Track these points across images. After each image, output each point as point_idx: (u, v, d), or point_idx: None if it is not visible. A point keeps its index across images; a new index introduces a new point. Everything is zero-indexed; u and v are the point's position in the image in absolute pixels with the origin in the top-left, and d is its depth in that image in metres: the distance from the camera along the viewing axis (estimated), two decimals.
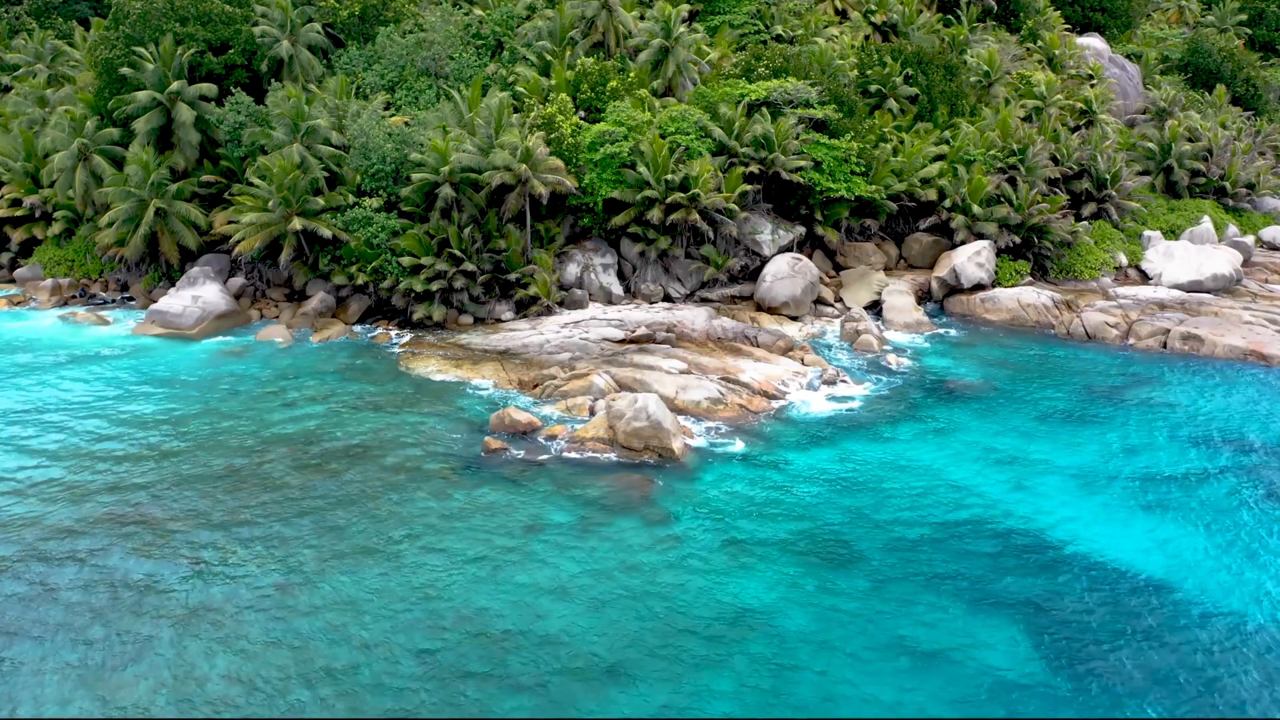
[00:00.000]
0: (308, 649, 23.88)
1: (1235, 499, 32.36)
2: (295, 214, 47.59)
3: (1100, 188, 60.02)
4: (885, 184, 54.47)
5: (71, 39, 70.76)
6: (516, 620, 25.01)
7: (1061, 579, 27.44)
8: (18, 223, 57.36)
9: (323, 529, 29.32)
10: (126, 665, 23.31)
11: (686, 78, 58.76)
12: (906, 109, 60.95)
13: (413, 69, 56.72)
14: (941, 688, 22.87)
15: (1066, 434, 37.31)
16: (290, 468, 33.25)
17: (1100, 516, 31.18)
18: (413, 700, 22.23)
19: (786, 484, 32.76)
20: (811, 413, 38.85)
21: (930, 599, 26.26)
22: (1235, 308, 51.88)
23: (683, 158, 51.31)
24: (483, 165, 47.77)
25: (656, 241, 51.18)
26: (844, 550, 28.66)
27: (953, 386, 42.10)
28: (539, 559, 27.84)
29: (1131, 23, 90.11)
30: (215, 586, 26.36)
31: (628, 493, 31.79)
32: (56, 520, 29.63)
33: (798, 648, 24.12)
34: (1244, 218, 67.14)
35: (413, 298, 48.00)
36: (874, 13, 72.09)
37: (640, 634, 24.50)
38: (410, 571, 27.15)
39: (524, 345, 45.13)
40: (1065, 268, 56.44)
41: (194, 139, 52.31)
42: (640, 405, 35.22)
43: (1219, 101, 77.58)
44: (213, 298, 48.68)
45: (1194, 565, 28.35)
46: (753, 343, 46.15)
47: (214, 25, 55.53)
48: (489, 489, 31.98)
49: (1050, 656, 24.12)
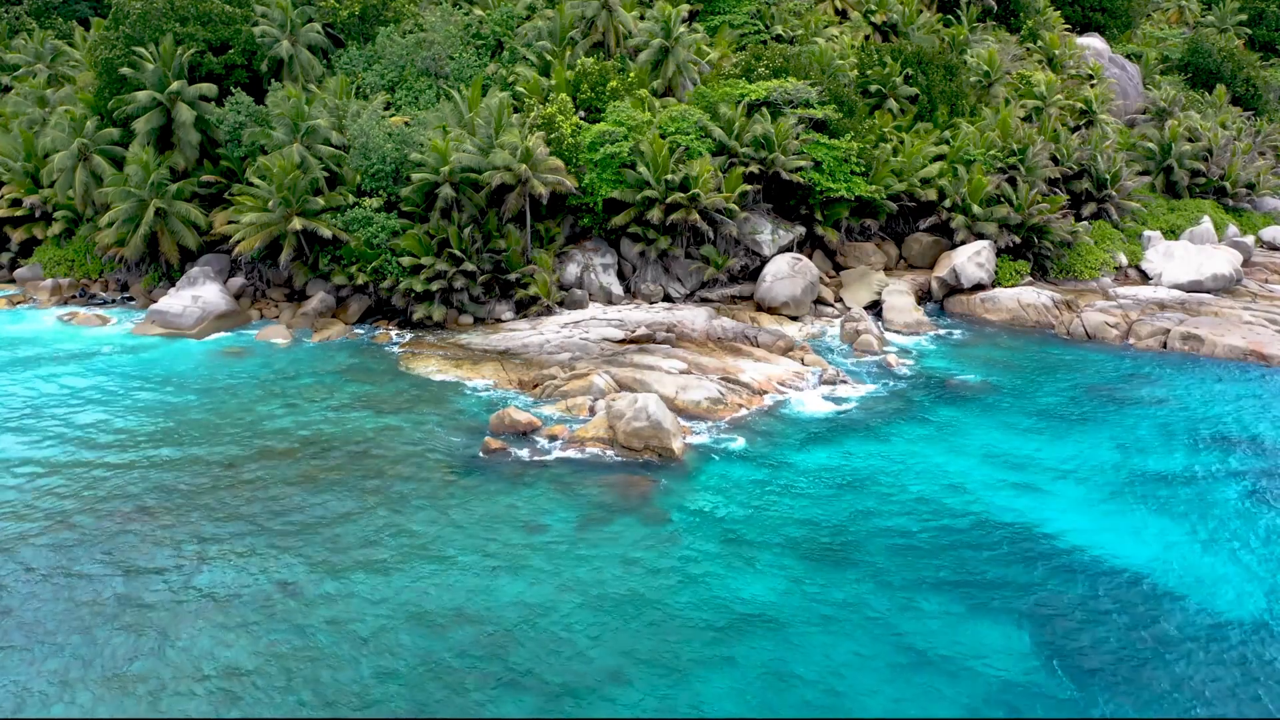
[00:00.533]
0: (307, 648, 23.89)
1: (1236, 499, 32.38)
2: (295, 214, 47.59)
3: (1100, 188, 60.04)
4: (885, 184, 54.47)
5: (71, 39, 70.74)
6: (516, 620, 25.02)
7: (1061, 579, 27.46)
8: (18, 223, 57.37)
9: (322, 528, 29.33)
10: (124, 664, 23.31)
11: (686, 78, 58.76)
12: (906, 109, 60.96)
13: (413, 69, 56.73)
14: (941, 688, 22.87)
15: (1066, 434, 37.32)
16: (290, 467, 33.26)
17: (1100, 517, 31.18)
18: (413, 700, 22.24)
19: (787, 484, 32.76)
20: (811, 413, 38.86)
21: (930, 599, 26.28)
22: (1235, 308, 51.88)
23: (683, 158, 51.31)
24: (483, 165, 47.77)
25: (656, 241, 51.18)
26: (844, 550, 28.68)
27: (953, 386, 42.11)
28: (539, 559, 27.85)
29: (1131, 23, 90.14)
30: (214, 585, 26.37)
31: (628, 493, 31.79)
32: (56, 519, 29.63)
33: (798, 648, 24.13)
34: (1244, 218, 67.16)
35: (413, 298, 48.00)
36: (874, 13, 72.10)
37: (640, 634, 24.51)
38: (410, 571, 27.17)
39: (524, 345, 45.13)
40: (1065, 268, 56.45)
41: (194, 139, 52.32)
42: (640, 405, 35.23)
43: (1219, 101, 77.61)
44: (213, 298, 48.69)
45: (1195, 566, 28.35)
46: (753, 343, 46.16)
47: (214, 25, 55.54)
48: (489, 489, 31.99)
49: (1050, 656, 24.12)
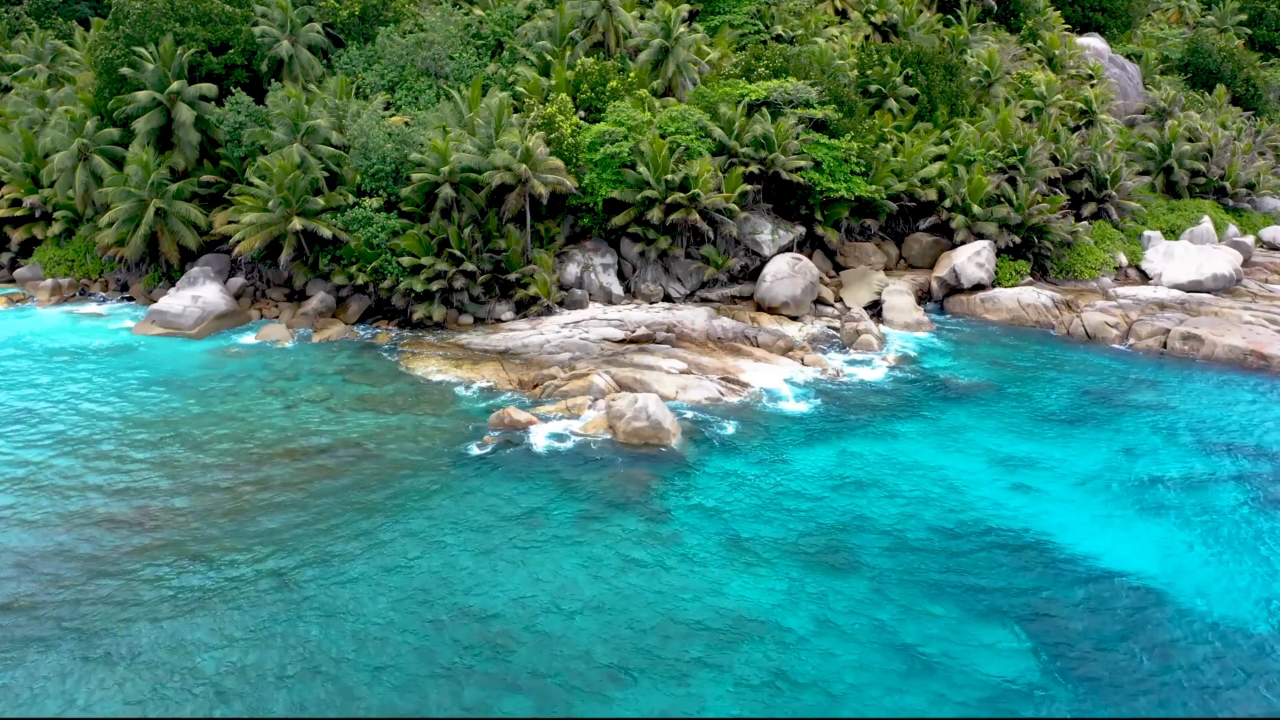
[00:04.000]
0: (306, 646, 23.90)
1: (1235, 501, 32.38)
2: (295, 214, 47.58)
3: (1100, 188, 60.05)
4: (885, 184, 54.46)
5: (71, 39, 70.75)
6: (516, 619, 25.05)
7: (1060, 580, 27.47)
8: (18, 223, 57.37)
9: (321, 527, 29.34)
10: (123, 662, 23.31)
11: (686, 78, 58.76)
12: (906, 109, 60.95)
13: (413, 69, 56.72)
14: (940, 688, 22.88)
15: (1066, 434, 37.33)
16: (289, 467, 33.28)
17: (1099, 517, 31.20)
18: (412, 699, 22.25)
19: (786, 484, 32.77)
20: (811, 413, 38.86)
21: (929, 599, 26.29)
22: (1235, 308, 51.88)
23: (683, 158, 51.31)
24: (483, 165, 47.77)
25: (656, 241, 51.18)
26: (843, 550, 28.69)
27: (952, 386, 42.11)
28: (538, 559, 27.87)
29: (1131, 23, 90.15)
30: (214, 584, 26.40)
31: (627, 492, 31.80)
32: (56, 518, 29.64)
33: (797, 648, 24.15)
34: (1244, 218, 67.16)
35: (413, 298, 47.99)
36: (874, 13, 72.10)
37: (639, 633, 24.53)
38: (409, 570, 27.18)
39: (524, 345, 45.13)
40: (1065, 268, 56.44)
41: (194, 139, 52.29)
42: (640, 405, 35.25)
43: (1219, 101, 77.63)
44: (213, 298, 48.69)
45: (1193, 567, 28.38)
46: (753, 343, 46.16)
47: (214, 25, 55.54)
48: (488, 488, 32.00)
49: (1048, 658, 24.13)
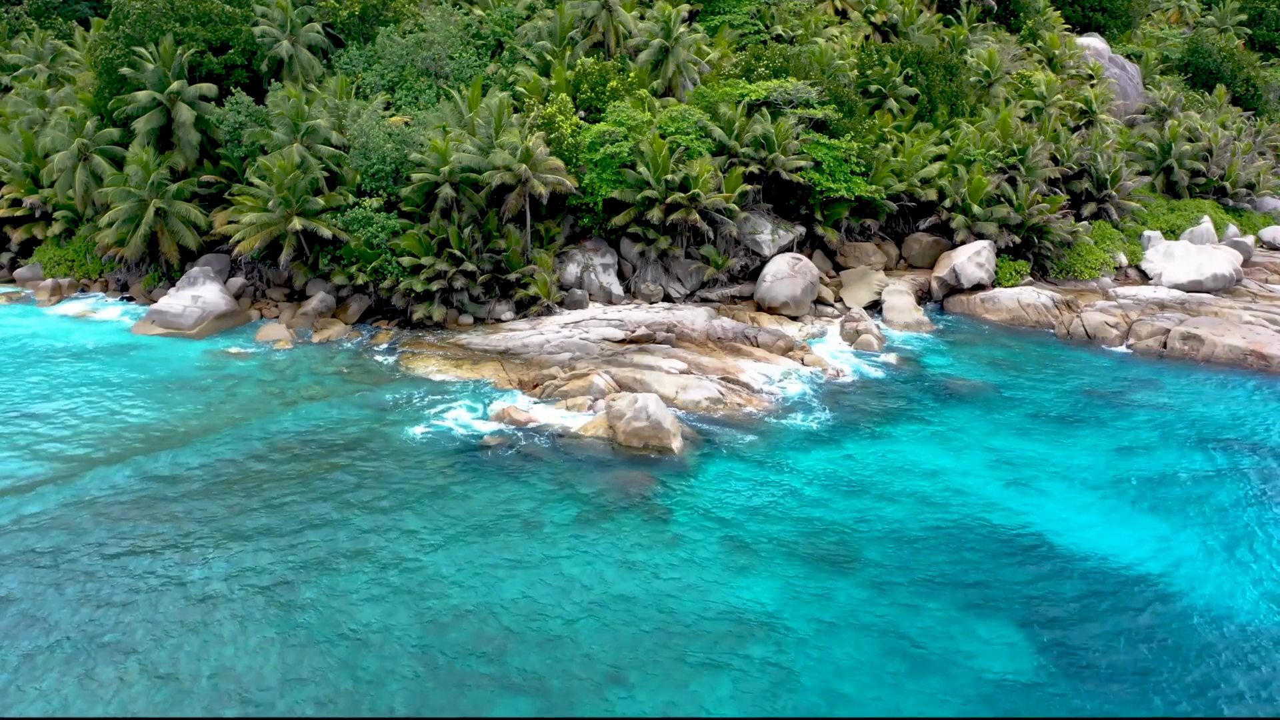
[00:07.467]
0: (305, 646, 23.89)
1: (1234, 500, 32.39)
2: (295, 214, 47.58)
3: (1100, 188, 60.05)
4: (885, 184, 54.45)
5: (71, 39, 70.74)
6: (515, 619, 25.04)
7: (1060, 579, 27.47)
8: (18, 223, 57.38)
9: (321, 527, 29.34)
10: (124, 660, 23.31)
11: (686, 78, 58.75)
12: (906, 109, 60.95)
13: (413, 69, 56.72)
14: (939, 688, 22.88)
15: (1066, 434, 37.33)
16: (289, 467, 33.26)
17: (1099, 517, 31.19)
18: (411, 699, 22.25)
19: (786, 484, 32.78)
20: (811, 413, 38.86)
21: (929, 599, 26.29)
22: (1235, 308, 51.87)
23: (683, 158, 51.30)
24: (483, 165, 47.77)
25: (656, 241, 51.17)
26: (843, 550, 28.69)
27: (953, 387, 42.11)
28: (538, 559, 27.87)
29: (1131, 23, 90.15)
30: (214, 583, 26.38)
31: (627, 493, 31.80)
32: (56, 518, 29.63)
33: (797, 648, 24.14)
34: (1244, 218, 67.16)
35: (413, 298, 47.98)
36: (874, 13, 72.09)
37: (640, 634, 24.52)
38: (409, 570, 27.18)
39: (524, 345, 45.13)
40: (1065, 268, 56.44)
41: (194, 139, 52.29)
42: (640, 405, 35.25)
43: (1219, 101, 77.62)
44: (213, 298, 48.68)
45: (1192, 566, 28.37)
46: (753, 343, 46.16)
47: (214, 25, 55.53)
48: (488, 489, 32.00)
49: (1049, 657, 24.13)
